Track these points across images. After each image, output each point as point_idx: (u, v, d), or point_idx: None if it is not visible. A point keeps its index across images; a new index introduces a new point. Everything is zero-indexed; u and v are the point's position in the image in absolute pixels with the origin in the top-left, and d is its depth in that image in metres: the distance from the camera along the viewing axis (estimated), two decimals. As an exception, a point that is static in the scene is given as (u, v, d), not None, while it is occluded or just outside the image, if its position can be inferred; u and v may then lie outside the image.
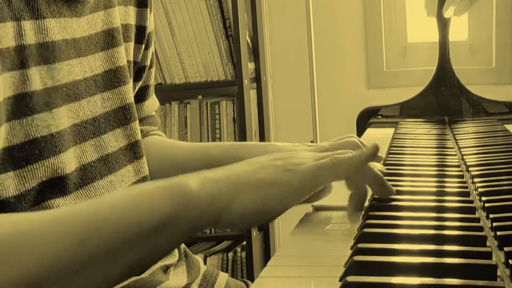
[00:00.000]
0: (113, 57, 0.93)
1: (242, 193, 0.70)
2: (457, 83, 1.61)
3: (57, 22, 0.82)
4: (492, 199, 0.77)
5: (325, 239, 0.75)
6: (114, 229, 0.63)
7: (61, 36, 0.82)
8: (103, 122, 0.89)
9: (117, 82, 0.93)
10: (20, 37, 0.75)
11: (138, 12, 1.04)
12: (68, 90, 0.83)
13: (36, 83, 0.77)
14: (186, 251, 1.09)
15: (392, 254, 0.60)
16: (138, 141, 0.96)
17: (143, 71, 1.09)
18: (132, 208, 0.66)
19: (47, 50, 0.79)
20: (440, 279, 0.53)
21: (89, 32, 0.88)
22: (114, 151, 0.90)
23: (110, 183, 0.88)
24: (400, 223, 0.70)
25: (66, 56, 0.83)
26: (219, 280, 1.11)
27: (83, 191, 0.83)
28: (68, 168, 0.80)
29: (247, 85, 2.44)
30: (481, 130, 1.39)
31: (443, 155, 1.10)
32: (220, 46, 2.45)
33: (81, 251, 0.61)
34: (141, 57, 1.06)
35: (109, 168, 0.88)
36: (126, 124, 0.94)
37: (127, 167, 0.93)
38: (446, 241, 0.64)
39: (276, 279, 0.61)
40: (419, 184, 0.89)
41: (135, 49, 1.03)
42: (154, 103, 1.17)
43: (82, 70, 0.86)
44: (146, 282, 0.92)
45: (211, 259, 2.44)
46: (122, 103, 0.93)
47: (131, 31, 1.01)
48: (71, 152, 0.82)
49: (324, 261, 0.66)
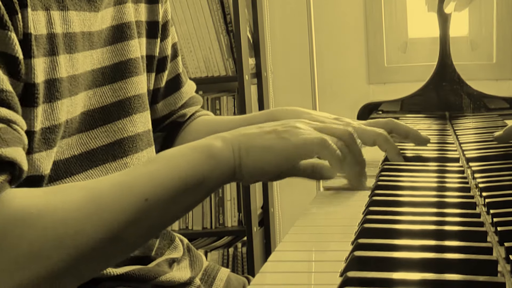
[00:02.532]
0: (124, 50, 0.98)
1: (247, 153, 0.81)
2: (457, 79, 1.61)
3: (78, 15, 0.88)
4: (493, 195, 0.77)
5: (325, 234, 0.75)
6: (167, 188, 0.75)
7: (80, 28, 0.88)
8: (114, 110, 0.95)
9: (129, 73, 0.98)
10: (50, 25, 0.82)
11: (149, 9, 1.08)
12: (81, 80, 0.88)
13: (62, 70, 0.84)
14: (189, 246, 1.10)
15: (393, 249, 0.60)
16: (148, 131, 1.03)
17: (166, 61, 1.15)
18: (178, 172, 0.77)
19: (70, 40, 0.86)
20: (440, 275, 0.53)
21: (101, 26, 0.94)
22: (130, 135, 0.97)
23: (124, 165, 0.96)
24: (400, 219, 0.70)
25: (82, 47, 0.89)
26: (220, 274, 1.12)
27: (90, 173, 0.90)
28: (70, 153, 0.87)
29: (248, 80, 2.43)
30: (481, 125, 1.39)
31: (444, 150, 1.10)
32: (220, 41, 2.44)
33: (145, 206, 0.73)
34: (159, 50, 1.12)
35: (124, 151, 0.96)
36: (134, 114, 0.99)
37: (143, 152, 1.00)
38: (446, 237, 0.64)
39: (277, 275, 0.61)
40: (420, 180, 0.89)
41: (148, 44, 1.08)
42: (191, 87, 1.25)
43: (91, 62, 0.91)
44: (151, 271, 0.93)
45: (212, 255, 2.44)
46: (135, 92, 0.99)
47: (142, 28, 1.05)
48: (75, 139, 0.88)
49: (325, 256, 0.66)
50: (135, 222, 0.72)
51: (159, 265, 0.98)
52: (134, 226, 0.72)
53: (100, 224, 0.70)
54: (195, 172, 0.77)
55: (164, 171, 0.76)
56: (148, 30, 1.08)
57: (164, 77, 1.16)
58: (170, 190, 0.75)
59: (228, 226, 2.49)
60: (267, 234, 2.63)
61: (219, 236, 2.57)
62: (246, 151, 0.81)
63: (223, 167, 0.80)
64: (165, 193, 0.75)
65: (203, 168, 0.78)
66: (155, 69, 1.12)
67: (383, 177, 0.90)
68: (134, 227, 0.72)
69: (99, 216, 0.70)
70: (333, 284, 0.55)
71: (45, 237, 0.67)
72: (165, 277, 0.95)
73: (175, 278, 0.97)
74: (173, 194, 0.75)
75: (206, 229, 2.49)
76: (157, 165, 0.77)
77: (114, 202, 0.72)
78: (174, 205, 0.76)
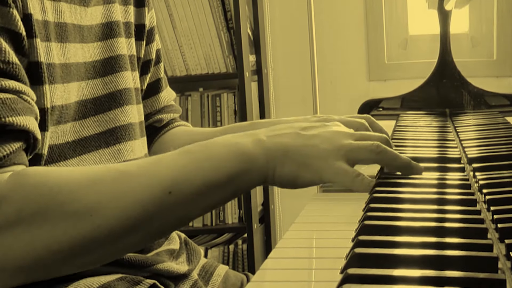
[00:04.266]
0: (113, 46, 1.00)
1: (281, 167, 0.80)
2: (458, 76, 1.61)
3: (69, 7, 0.90)
4: (493, 192, 0.77)
5: (326, 231, 0.75)
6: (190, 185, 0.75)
7: (71, 20, 0.90)
8: (105, 101, 0.96)
9: (118, 67, 1.00)
10: (43, 13, 0.84)
11: (136, 12, 1.11)
12: (74, 70, 0.90)
13: (55, 57, 0.85)
14: (186, 239, 1.11)
15: (393, 246, 0.60)
16: (141, 122, 1.04)
17: (150, 65, 1.17)
18: (207, 168, 0.76)
19: (61, 30, 0.88)
20: (441, 272, 0.53)
21: (91, 22, 0.96)
22: (122, 124, 0.98)
23: (118, 151, 0.97)
24: (401, 216, 0.70)
25: (73, 39, 0.91)
26: (218, 271, 1.12)
27: (83, 157, 0.91)
28: (64, 139, 0.89)
29: (248, 77, 2.43)
30: (482, 122, 1.39)
31: (444, 147, 1.10)
32: (221, 38, 2.44)
33: (167, 199, 0.73)
34: (144, 53, 1.14)
35: (117, 138, 0.97)
36: (125, 105, 1.00)
37: (136, 141, 1.01)
38: (447, 234, 0.64)
39: (277, 272, 0.61)
40: (420, 177, 0.89)
41: (136, 45, 1.11)
42: (170, 94, 1.26)
43: (83, 55, 0.93)
44: (149, 259, 0.94)
45: (212, 252, 2.44)
46: (125, 86, 1.01)
47: (132, 28, 1.08)
48: (69, 126, 0.89)
49: (325, 253, 0.66)
50: (154, 214, 0.72)
51: (160, 254, 1.00)
52: (153, 218, 0.72)
53: (120, 208, 0.70)
54: (223, 171, 0.77)
55: (192, 166, 0.76)
56: (136, 32, 1.10)
57: (146, 80, 1.18)
58: (194, 185, 0.75)
59: (228, 223, 2.49)
60: (268, 231, 2.64)
61: (220, 233, 2.57)
62: (282, 163, 0.80)
63: (254, 171, 0.79)
64: (189, 187, 0.74)
65: (231, 169, 0.77)
66: (140, 71, 1.13)
67: (383, 174, 0.90)
68: (153, 220, 0.72)
69: (120, 199, 0.71)
70: (333, 281, 0.55)
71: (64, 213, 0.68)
72: (163, 265, 0.96)
73: (173, 268, 0.98)
74: (197, 190, 0.75)
75: (206, 226, 2.49)
76: (187, 157, 0.77)
77: (136, 189, 0.72)
78: (196, 203, 0.76)
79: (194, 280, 1.04)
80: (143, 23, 1.12)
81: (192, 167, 0.76)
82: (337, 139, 0.83)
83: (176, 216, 0.75)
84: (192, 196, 0.74)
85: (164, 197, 0.72)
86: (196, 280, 1.05)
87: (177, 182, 0.74)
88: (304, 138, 0.83)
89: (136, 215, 0.71)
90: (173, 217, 0.74)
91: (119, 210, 0.70)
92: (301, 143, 0.82)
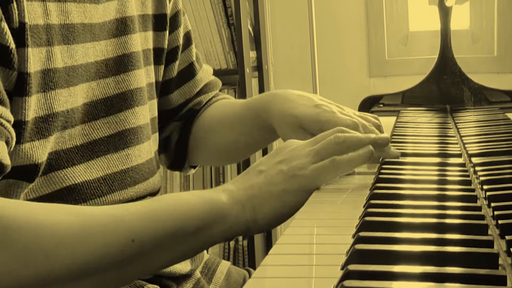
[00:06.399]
0: (126, 44, 0.98)
1: (261, 206, 0.80)
2: (458, 72, 1.61)
3: (77, 7, 0.89)
4: (494, 188, 0.77)
5: (326, 227, 0.75)
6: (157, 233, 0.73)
7: (80, 20, 0.89)
8: (116, 102, 0.95)
9: (131, 66, 0.98)
10: (46, 16, 0.83)
11: (156, 2, 1.09)
12: (82, 71, 0.89)
13: (58, 61, 0.84)
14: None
15: (394, 242, 0.60)
16: (147, 124, 1.02)
17: (177, 51, 1.15)
18: (176, 215, 0.75)
19: (67, 31, 0.87)
20: (441, 268, 0.54)
21: (103, 19, 0.94)
22: (132, 127, 0.97)
23: (126, 156, 0.96)
24: (401, 212, 0.70)
25: (83, 39, 0.89)
26: (220, 267, 1.12)
27: (91, 163, 0.90)
28: (72, 143, 0.87)
29: (249, 73, 2.43)
30: (482, 118, 1.39)
31: (445, 143, 1.10)
32: (221, 34, 2.44)
33: (129, 248, 0.70)
34: (168, 42, 1.12)
35: (126, 142, 0.96)
36: (136, 106, 0.99)
37: (143, 144, 1.00)
38: (447, 230, 0.64)
39: (278, 268, 0.61)
40: (421, 173, 0.89)
41: (156, 37, 1.08)
42: (206, 72, 1.24)
43: (94, 53, 0.92)
44: None
45: (213, 248, 2.44)
46: (137, 85, 0.99)
47: (149, 22, 1.06)
48: (77, 129, 0.88)
49: (326, 249, 0.66)
50: (117, 263, 0.69)
51: None
52: (115, 267, 0.69)
53: (79, 253, 0.67)
54: (193, 219, 0.76)
55: (159, 213, 0.74)
56: (155, 23, 1.08)
57: (175, 67, 1.16)
58: (160, 233, 0.72)
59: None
60: (268, 227, 2.63)
61: (220, 229, 2.57)
62: (260, 206, 0.80)
63: (231, 222, 0.78)
64: (154, 236, 0.72)
65: (202, 216, 0.76)
66: (165, 61, 1.12)
67: (384, 170, 0.90)
68: (115, 269, 0.69)
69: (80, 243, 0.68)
70: (334, 277, 0.55)
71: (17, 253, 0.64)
72: None
73: (175, 269, 0.98)
74: (163, 239, 0.73)
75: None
76: (156, 204, 0.76)
77: (97, 235, 0.69)
78: (163, 252, 0.73)
79: (196, 279, 1.04)
80: (164, 13, 1.10)
81: (160, 214, 0.74)
82: (299, 158, 0.84)
83: (138, 265, 0.72)
84: (157, 244, 0.72)
85: (128, 245, 0.70)
86: (198, 278, 1.04)
87: (142, 229, 0.72)
88: (272, 172, 0.83)
89: (93, 260, 0.68)
90: (134, 266, 0.72)
91: (76, 255, 0.67)
92: (269, 176, 0.83)
